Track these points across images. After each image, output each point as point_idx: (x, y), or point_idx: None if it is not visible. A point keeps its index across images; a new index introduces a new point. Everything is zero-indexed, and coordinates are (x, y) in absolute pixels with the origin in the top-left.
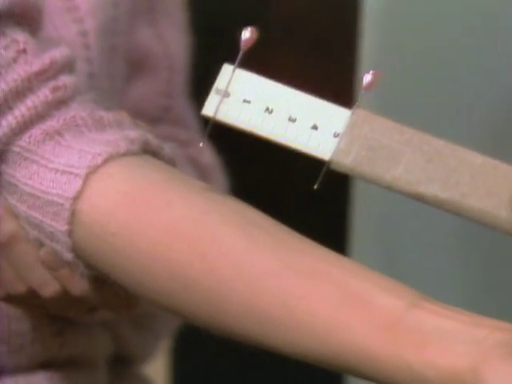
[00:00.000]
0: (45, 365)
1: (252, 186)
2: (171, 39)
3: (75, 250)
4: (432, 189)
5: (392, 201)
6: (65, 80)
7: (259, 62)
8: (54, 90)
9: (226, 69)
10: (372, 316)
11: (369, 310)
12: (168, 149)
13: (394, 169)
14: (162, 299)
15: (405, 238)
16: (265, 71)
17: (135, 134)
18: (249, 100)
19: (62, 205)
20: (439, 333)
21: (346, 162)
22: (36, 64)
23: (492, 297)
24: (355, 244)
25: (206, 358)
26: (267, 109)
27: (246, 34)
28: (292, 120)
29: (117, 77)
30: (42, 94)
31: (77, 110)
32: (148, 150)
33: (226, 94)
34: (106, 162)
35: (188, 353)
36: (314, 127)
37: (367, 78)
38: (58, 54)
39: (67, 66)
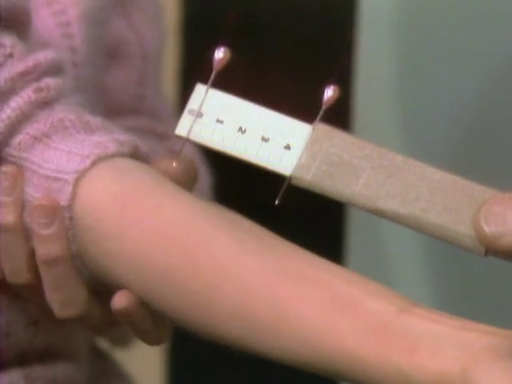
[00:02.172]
0: (20, 359)
1: (246, 192)
2: (144, 30)
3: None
4: (391, 204)
5: None
6: (48, 82)
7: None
8: (37, 90)
9: (199, 89)
10: (361, 320)
11: (358, 314)
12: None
13: (354, 184)
14: (153, 302)
15: (400, 244)
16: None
17: (123, 137)
18: (222, 120)
19: None
20: (429, 337)
21: (307, 178)
22: (19, 66)
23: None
24: (351, 252)
25: (202, 356)
26: (240, 129)
27: (219, 54)
28: (265, 140)
29: (98, 67)
30: (26, 95)
31: (64, 113)
32: (137, 156)
33: (199, 115)
34: (94, 164)
35: (184, 351)
36: (287, 147)
37: (328, 93)
38: (42, 56)
39: (51, 69)
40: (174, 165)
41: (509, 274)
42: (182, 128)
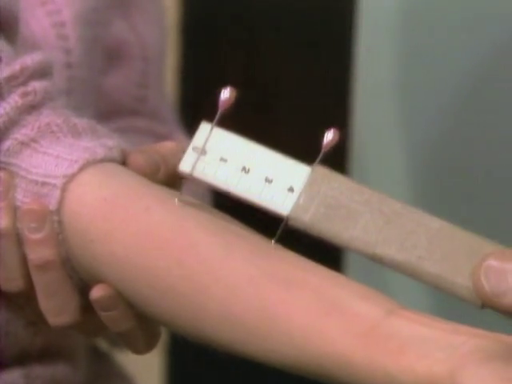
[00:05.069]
0: (20, 359)
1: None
2: (145, 32)
3: None
4: (389, 250)
5: None
6: (34, 85)
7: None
8: (24, 95)
9: (204, 127)
10: (349, 323)
11: (346, 317)
12: None
13: (352, 228)
14: (140, 305)
15: None
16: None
17: (112, 142)
18: (226, 159)
19: None
20: (417, 339)
21: (305, 219)
22: (6, 70)
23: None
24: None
25: (201, 357)
26: (244, 168)
27: (225, 94)
28: (269, 181)
29: (95, 68)
30: (13, 100)
31: (51, 117)
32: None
33: (203, 152)
34: (82, 168)
35: (183, 352)
36: (291, 189)
37: (328, 137)
38: (29, 60)
39: (38, 72)
40: (140, 159)
41: None
42: (186, 164)
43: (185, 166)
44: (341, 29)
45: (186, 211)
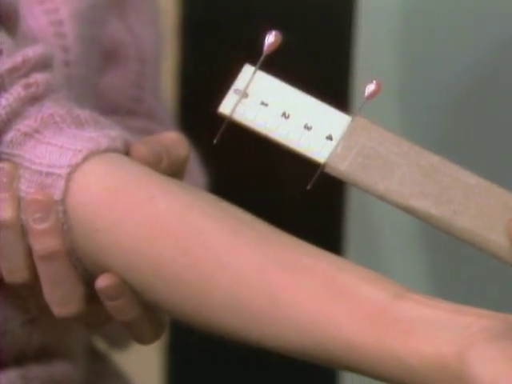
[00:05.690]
0: (18, 359)
1: (243, 188)
2: (141, 32)
3: None
4: (424, 204)
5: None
6: (36, 77)
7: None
8: (26, 86)
9: (247, 70)
10: (356, 307)
11: (353, 302)
12: None
13: (388, 179)
14: (146, 294)
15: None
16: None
17: (115, 132)
18: (266, 103)
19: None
20: (424, 321)
21: (341, 167)
22: (8, 62)
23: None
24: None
25: (201, 356)
26: (284, 114)
27: (270, 37)
28: (308, 128)
29: (93, 67)
30: (15, 91)
31: (54, 108)
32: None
33: (245, 95)
34: (86, 158)
35: (182, 350)
36: (329, 137)
37: (370, 88)
38: (31, 52)
39: (40, 64)
40: (143, 149)
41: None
42: (226, 106)
43: (225, 108)
44: (341, 29)
45: (191, 199)
